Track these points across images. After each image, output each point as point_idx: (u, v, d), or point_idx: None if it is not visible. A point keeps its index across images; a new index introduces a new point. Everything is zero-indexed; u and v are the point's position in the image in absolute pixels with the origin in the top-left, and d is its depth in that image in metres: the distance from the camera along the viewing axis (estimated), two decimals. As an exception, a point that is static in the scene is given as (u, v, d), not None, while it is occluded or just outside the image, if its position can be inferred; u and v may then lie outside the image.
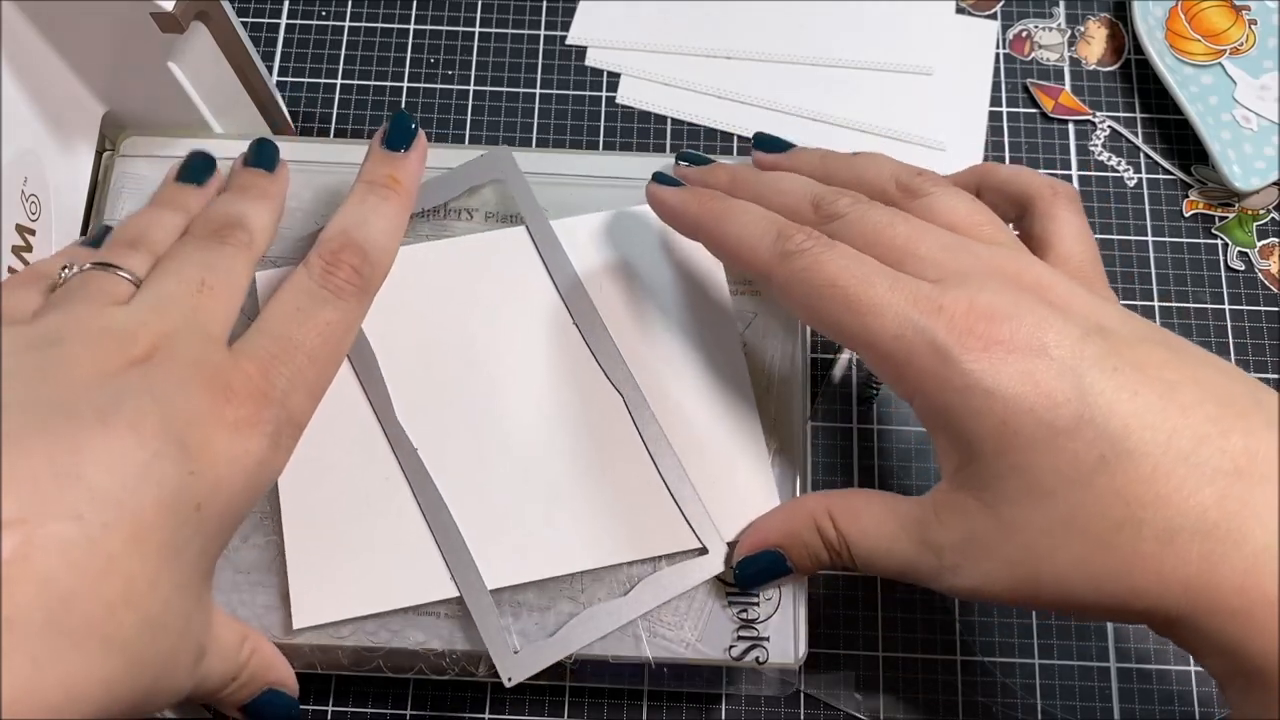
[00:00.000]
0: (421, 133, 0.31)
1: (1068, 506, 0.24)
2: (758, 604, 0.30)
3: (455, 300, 0.32)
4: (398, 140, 0.30)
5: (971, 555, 0.25)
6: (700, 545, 0.30)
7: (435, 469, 0.31)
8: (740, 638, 0.30)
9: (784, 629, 0.30)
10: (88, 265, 0.27)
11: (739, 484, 0.31)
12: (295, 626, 0.29)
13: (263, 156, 0.32)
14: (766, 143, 0.33)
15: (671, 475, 0.31)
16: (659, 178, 0.31)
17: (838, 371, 0.38)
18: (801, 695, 0.36)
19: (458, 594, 0.29)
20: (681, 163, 0.32)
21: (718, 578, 0.30)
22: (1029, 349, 0.24)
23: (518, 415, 0.31)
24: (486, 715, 0.36)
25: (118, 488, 0.21)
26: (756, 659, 0.30)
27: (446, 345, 0.32)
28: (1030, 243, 0.29)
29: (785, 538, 0.29)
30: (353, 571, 0.30)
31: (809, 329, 0.34)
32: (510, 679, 0.29)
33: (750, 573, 0.29)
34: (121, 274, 0.27)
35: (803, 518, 0.28)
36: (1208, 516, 0.22)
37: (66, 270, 0.27)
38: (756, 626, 0.30)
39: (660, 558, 0.30)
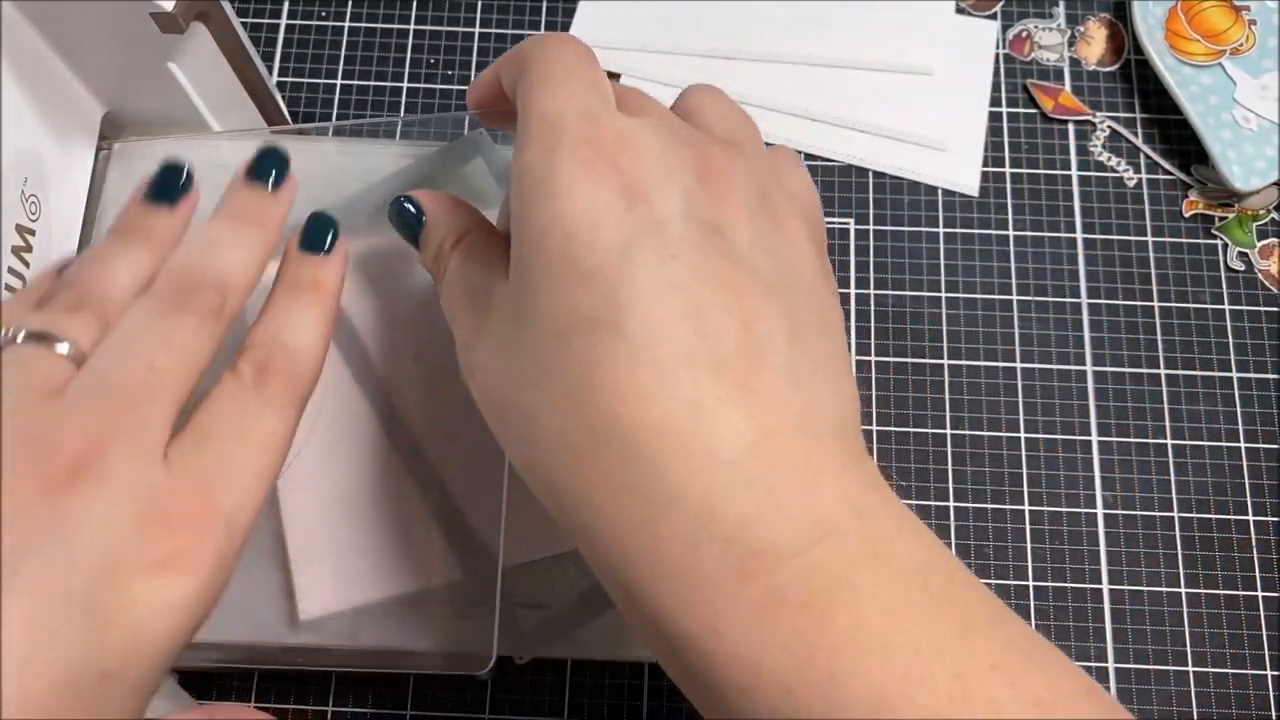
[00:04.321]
0: (343, 236, 0.29)
1: (543, 351, 0.22)
2: None
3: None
4: (317, 243, 0.28)
5: (481, 349, 0.24)
6: None
7: (433, 452, 0.31)
8: None
9: None
10: (22, 335, 0.23)
11: None
12: (303, 619, 0.29)
13: (262, 169, 0.28)
14: None
15: None
16: None
17: None
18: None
19: (462, 576, 0.30)
20: None
21: None
22: (623, 189, 0.22)
23: None
24: (486, 715, 0.37)
25: (10, 664, 0.19)
26: None
27: (432, 325, 0.32)
28: None
29: (433, 213, 0.28)
30: (357, 559, 0.30)
31: None
32: (521, 657, 0.29)
33: (396, 217, 0.29)
34: (60, 348, 0.23)
35: (453, 222, 0.27)
36: (639, 434, 0.21)
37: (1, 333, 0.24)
38: None
39: None
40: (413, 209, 0.28)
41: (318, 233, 0.28)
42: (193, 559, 0.22)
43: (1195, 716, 0.36)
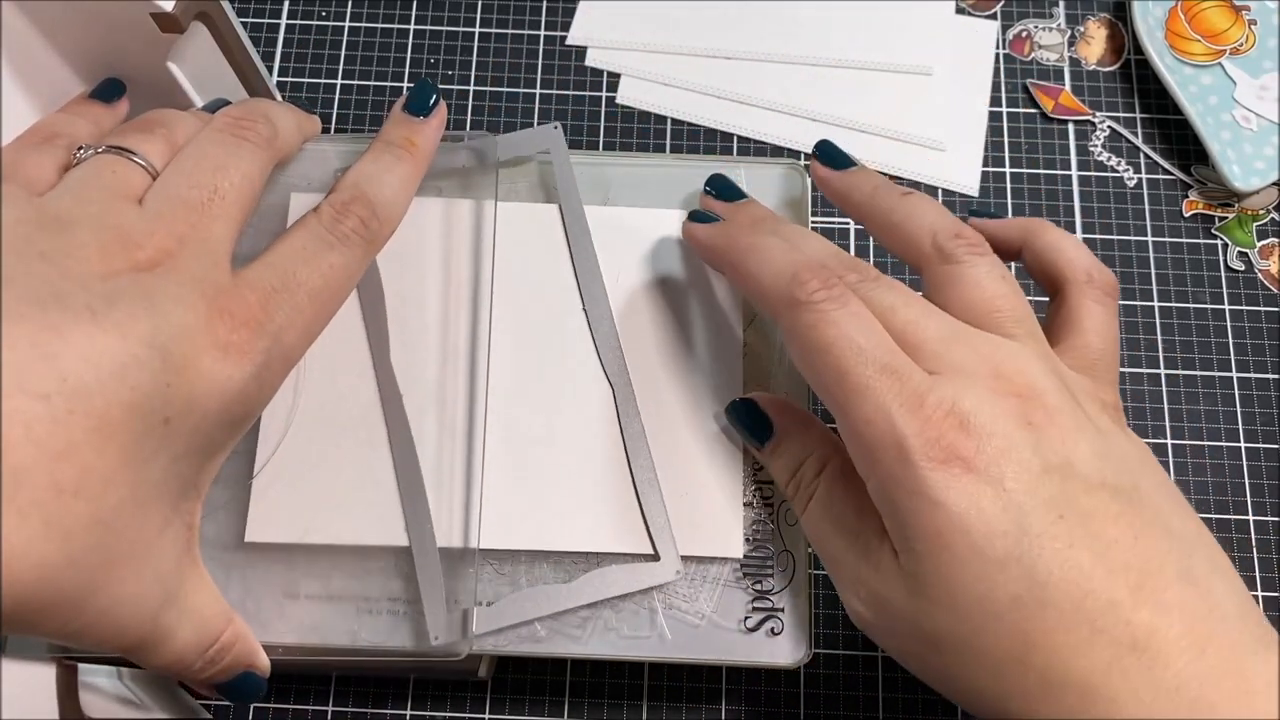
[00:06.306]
0: (443, 102, 0.31)
1: (974, 627, 0.24)
2: (771, 575, 0.30)
3: (475, 261, 0.32)
4: (418, 107, 0.31)
5: (877, 606, 0.26)
6: (653, 552, 0.30)
7: (415, 419, 0.31)
8: (755, 609, 0.30)
9: (791, 624, 0.30)
10: (103, 148, 0.27)
11: (706, 502, 0.31)
12: (247, 539, 0.29)
13: (416, 102, 0.31)
14: (828, 154, 0.32)
15: (642, 477, 0.30)
16: (695, 216, 0.31)
17: None
18: (802, 695, 0.36)
19: (407, 544, 0.29)
20: (708, 190, 0.32)
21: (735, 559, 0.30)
22: (985, 474, 0.24)
23: (506, 385, 0.31)
24: (486, 715, 0.37)
25: (90, 380, 0.21)
26: (771, 629, 0.30)
27: (456, 303, 0.32)
28: (1054, 320, 0.29)
29: (784, 428, 0.29)
30: (313, 500, 0.30)
31: None
32: (437, 637, 0.29)
33: (737, 416, 0.30)
34: (137, 160, 0.27)
35: (808, 442, 0.29)
36: (1091, 680, 0.23)
37: (82, 151, 0.27)
38: (770, 598, 0.30)
39: (611, 554, 0.30)
40: (759, 414, 0.30)
41: (420, 97, 0.31)
42: (249, 353, 0.24)
43: None
